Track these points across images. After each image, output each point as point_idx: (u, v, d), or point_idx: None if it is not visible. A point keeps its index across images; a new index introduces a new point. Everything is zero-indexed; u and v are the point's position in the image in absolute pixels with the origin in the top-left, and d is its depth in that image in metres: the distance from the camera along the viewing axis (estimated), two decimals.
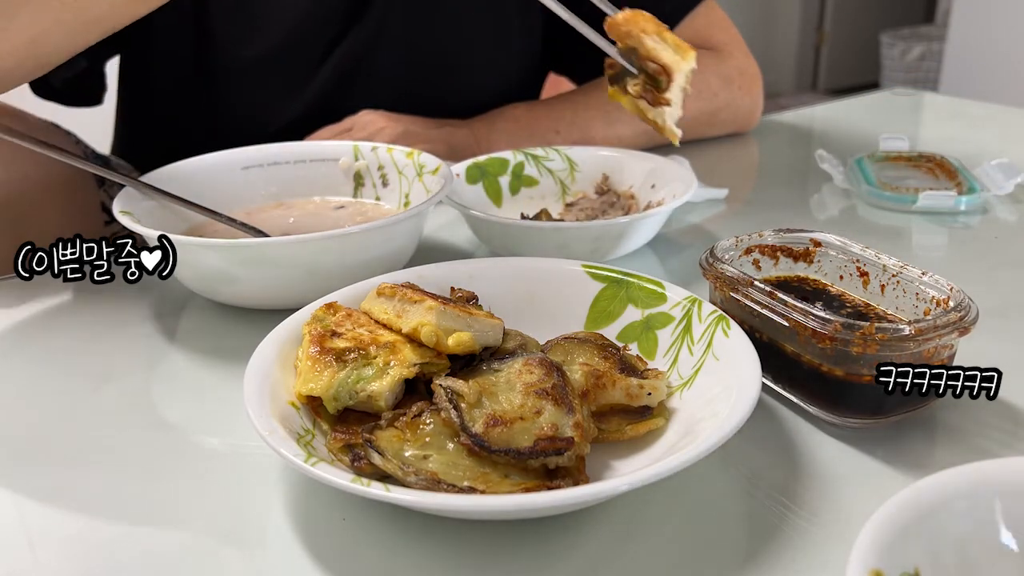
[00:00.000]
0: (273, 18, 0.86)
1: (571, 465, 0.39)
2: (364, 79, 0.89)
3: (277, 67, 0.88)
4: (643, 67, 0.48)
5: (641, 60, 0.47)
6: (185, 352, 0.56)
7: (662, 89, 0.47)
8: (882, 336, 0.42)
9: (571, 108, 0.89)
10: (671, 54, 0.46)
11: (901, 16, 4.15)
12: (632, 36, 0.47)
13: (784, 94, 4.14)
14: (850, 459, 0.43)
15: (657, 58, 0.47)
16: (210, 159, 0.71)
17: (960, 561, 0.30)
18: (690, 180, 0.67)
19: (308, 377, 0.43)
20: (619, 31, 0.47)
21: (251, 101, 0.89)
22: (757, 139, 1.00)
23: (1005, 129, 1.06)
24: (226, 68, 0.88)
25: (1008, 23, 2.76)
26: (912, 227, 0.74)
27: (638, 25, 0.46)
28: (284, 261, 0.55)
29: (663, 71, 0.46)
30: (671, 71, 0.46)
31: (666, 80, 0.47)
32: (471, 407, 0.40)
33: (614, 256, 0.65)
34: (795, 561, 0.37)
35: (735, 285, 0.48)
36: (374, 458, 0.39)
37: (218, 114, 0.90)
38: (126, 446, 0.46)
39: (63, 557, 0.39)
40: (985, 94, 2.67)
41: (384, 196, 0.71)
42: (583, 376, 0.44)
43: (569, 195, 0.76)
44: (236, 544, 0.39)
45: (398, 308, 0.46)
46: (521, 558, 0.37)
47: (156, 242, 0.53)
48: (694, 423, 0.42)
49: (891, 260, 0.49)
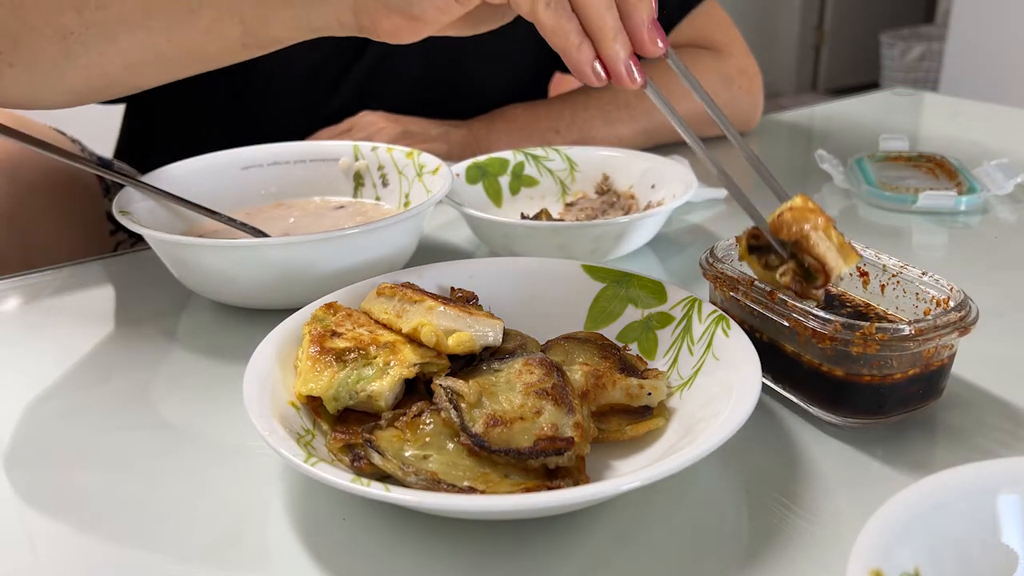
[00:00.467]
0: None
1: (571, 465, 0.39)
2: (386, 82, 0.90)
3: (306, 77, 0.89)
4: (798, 256, 0.45)
5: (799, 251, 0.45)
6: (185, 352, 0.56)
7: (816, 286, 0.45)
8: (882, 336, 0.42)
9: (571, 108, 0.89)
10: (835, 255, 0.44)
11: (901, 16, 4.15)
12: (799, 230, 0.45)
13: (784, 94, 4.14)
14: (850, 459, 0.43)
15: (821, 257, 0.44)
16: (210, 159, 0.71)
17: (960, 561, 0.30)
18: (690, 180, 0.67)
19: (308, 377, 0.43)
20: (785, 227, 0.45)
21: (277, 114, 0.90)
22: (757, 139, 1.00)
23: (1005, 129, 1.06)
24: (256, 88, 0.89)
25: (1008, 23, 2.76)
26: (912, 227, 0.74)
27: (807, 220, 0.45)
28: (284, 261, 0.55)
29: (822, 270, 0.44)
30: (831, 274, 0.44)
31: (822, 279, 0.45)
32: (471, 407, 0.40)
33: (614, 256, 0.65)
34: (795, 561, 0.37)
35: (735, 285, 0.48)
36: (374, 458, 0.39)
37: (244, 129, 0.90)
38: (126, 446, 0.46)
39: (63, 557, 0.39)
40: (985, 94, 2.67)
41: (384, 196, 0.71)
42: (583, 376, 0.44)
43: (569, 195, 0.76)
44: (236, 544, 0.39)
45: (398, 308, 0.46)
46: (521, 558, 0.37)
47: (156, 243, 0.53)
48: (694, 423, 0.42)
49: (891, 260, 0.49)
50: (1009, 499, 0.31)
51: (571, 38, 0.45)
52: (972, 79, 2.85)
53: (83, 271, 0.68)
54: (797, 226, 0.45)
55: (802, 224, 0.45)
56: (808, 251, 0.45)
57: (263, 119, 0.92)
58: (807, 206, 0.46)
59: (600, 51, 0.46)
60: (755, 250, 0.48)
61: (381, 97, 0.89)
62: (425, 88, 0.93)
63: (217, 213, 0.64)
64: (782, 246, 0.46)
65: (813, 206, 0.46)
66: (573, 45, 0.45)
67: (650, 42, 0.46)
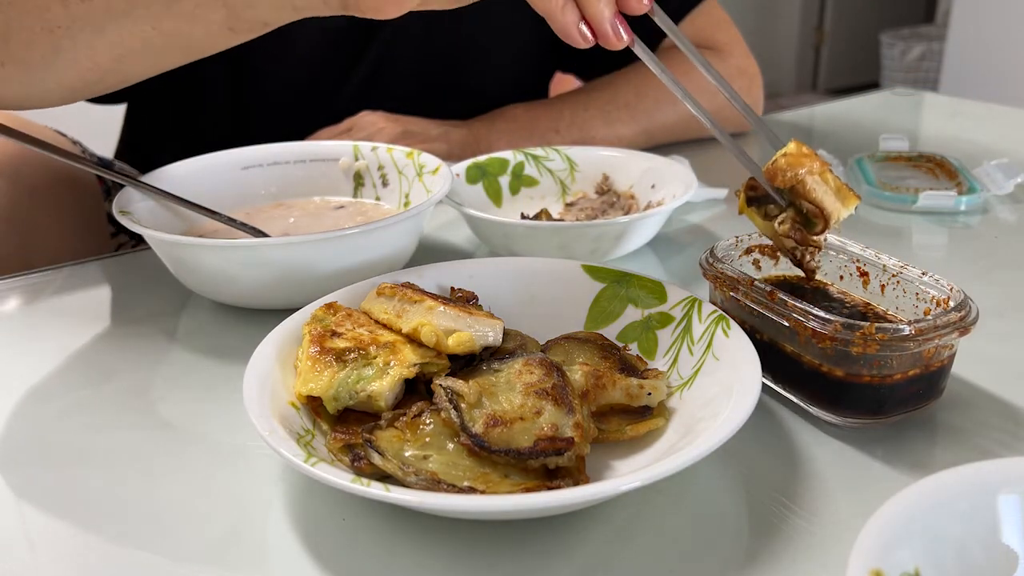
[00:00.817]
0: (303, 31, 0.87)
1: (571, 465, 0.39)
2: (388, 80, 0.90)
3: (308, 80, 0.89)
4: (796, 203, 0.45)
5: (796, 197, 0.45)
6: (185, 352, 0.56)
7: (815, 232, 0.45)
8: (882, 336, 0.42)
9: (571, 108, 0.89)
10: (833, 199, 0.44)
11: (901, 16, 4.15)
12: (793, 176, 0.44)
13: (784, 94, 4.14)
14: (850, 459, 0.43)
15: (818, 201, 0.44)
16: (210, 159, 0.71)
17: (960, 561, 0.30)
18: (690, 180, 0.67)
19: (308, 377, 0.43)
20: (780, 174, 0.45)
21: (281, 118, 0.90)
22: (757, 139, 1.00)
23: (1005, 129, 1.06)
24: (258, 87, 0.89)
25: (1008, 23, 2.76)
26: (912, 227, 0.74)
27: (802, 165, 0.44)
28: (284, 261, 0.55)
29: (820, 215, 0.44)
30: (829, 218, 0.44)
31: (822, 224, 0.44)
32: (471, 407, 0.40)
33: (614, 256, 0.65)
34: (795, 561, 0.37)
35: (735, 285, 0.48)
36: (374, 458, 0.39)
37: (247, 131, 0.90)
38: (126, 446, 0.46)
39: (63, 557, 0.39)
40: (985, 94, 2.67)
41: (384, 196, 0.71)
42: (583, 376, 0.44)
43: (569, 195, 0.76)
44: (236, 544, 0.39)
45: (398, 308, 0.46)
46: (521, 558, 0.37)
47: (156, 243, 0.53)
48: (694, 423, 0.42)
49: (891, 260, 0.49)
50: (1009, 499, 0.31)
51: (554, 0, 0.46)
52: (972, 79, 2.85)
53: (83, 271, 0.68)
54: (792, 172, 0.44)
55: (797, 169, 0.44)
56: (805, 196, 0.44)
57: (263, 119, 0.92)
58: (801, 151, 0.45)
59: (585, 11, 0.46)
60: (754, 201, 0.48)
61: (381, 97, 0.89)
62: (425, 88, 0.93)
63: (217, 213, 0.64)
64: (779, 194, 0.45)
65: (807, 151, 0.45)
66: (557, 7, 0.46)
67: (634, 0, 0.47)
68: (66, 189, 0.79)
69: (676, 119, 0.91)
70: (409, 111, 0.87)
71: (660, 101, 0.90)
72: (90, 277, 0.67)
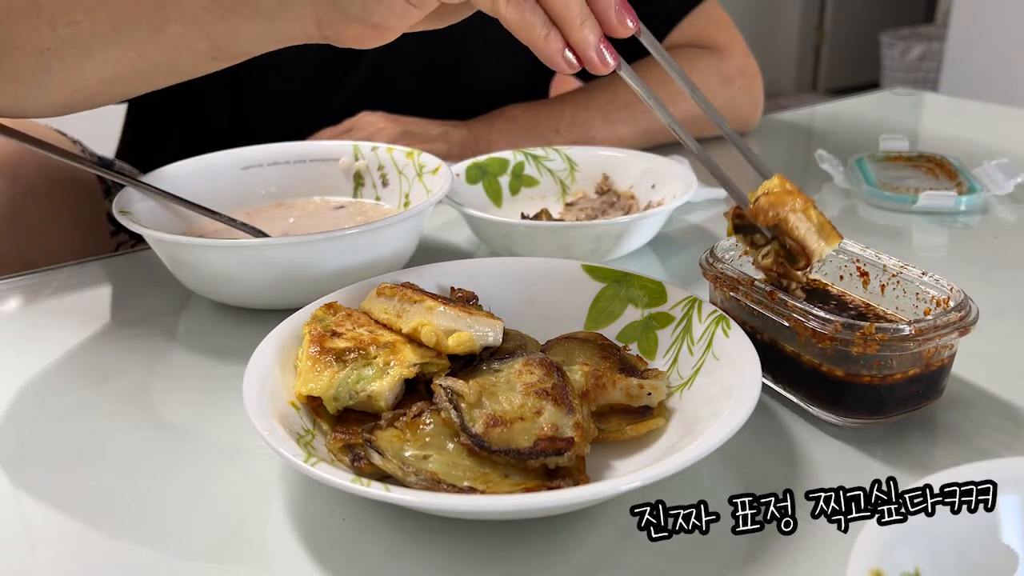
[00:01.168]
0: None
1: (571, 465, 0.39)
2: (388, 79, 0.90)
3: (308, 79, 0.89)
4: (780, 238, 0.45)
5: (780, 233, 0.45)
6: (185, 352, 0.56)
7: (798, 267, 0.45)
8: (882, 336, 0.42)
9: (571, 108, 0.89)
10: (815, 238, 0.44)
11: (901, 16, 4.15)
12: (775, 215, 0.44)
13: (784, 94, 4.14)
14: (850, 459, 0.43)
15: (800, 240, 0.44)
16: (210, 159, 0.71)
17: (960, 561, 0.30)
18: (690, 180, 0.67)
19: (308, 377, 0.43)
20: (762, 213, 0.45)
21: (281, 117, 0.90)
22: (757, 139, 1.00)
23: (1005, 129, 1.06)
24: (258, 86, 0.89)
25: (1008, 23, 2.76)
26: (912, 227, 0.74)
27: (784, 204, 0.44)
28: (284, 261, 0.55)
29: (803, 253, 0.44)
30: (811, 256, 0.44)
31: (804, 261, 0.45)
32: (471, 407, 0.40)
33: (614, 256, 0.65)
34: (795, 561, 0.37)
35: (735, 285, 0.48)
36: (374, 458, 0.39)
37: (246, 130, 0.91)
38: (126, 446, 0.46)
39: (63, 557, 0.39)
40: (985, 94, 2.67)
41: (384, 196, 0.71)
42: (583, 376, 0.44)
43: (569, 195, 0.76)
44: (236, 544, 0.39)
45: (398, 308, 0.46)
46: (521, 558, 0.37)
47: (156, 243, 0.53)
48: (694, 423, 0.42)
49: (891, 260, 0.49)
50: (1009, 499, 0.31)
51: (537, 30, 0.45)
52: (972, 79, 2.85)
53: (83, 271, 0.68)
54: (774, 211, 0.44)
55: (778, 209, 0.44)
56: (788, 234, 0.44)
57: (262, 119, 0.92)
58: (784, 188, 0.45)
59: (569, 38, 0.45)
60: (740, 229, 0.48)
61: (380, 97, 0.89)
62: (425, 88, 0.93)
63: (217, 213, 0.64)
64: (764, 227, 0.45)
65: (791, 187, 0.45)
66: (540, 37, 0.45)
67: (619, 24, 0.46)
68: (66, 188, 0.79)
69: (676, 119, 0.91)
70: (409, 111, 0.87)
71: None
72: (90, 277, 0.67)
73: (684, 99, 0.91)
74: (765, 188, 0.46)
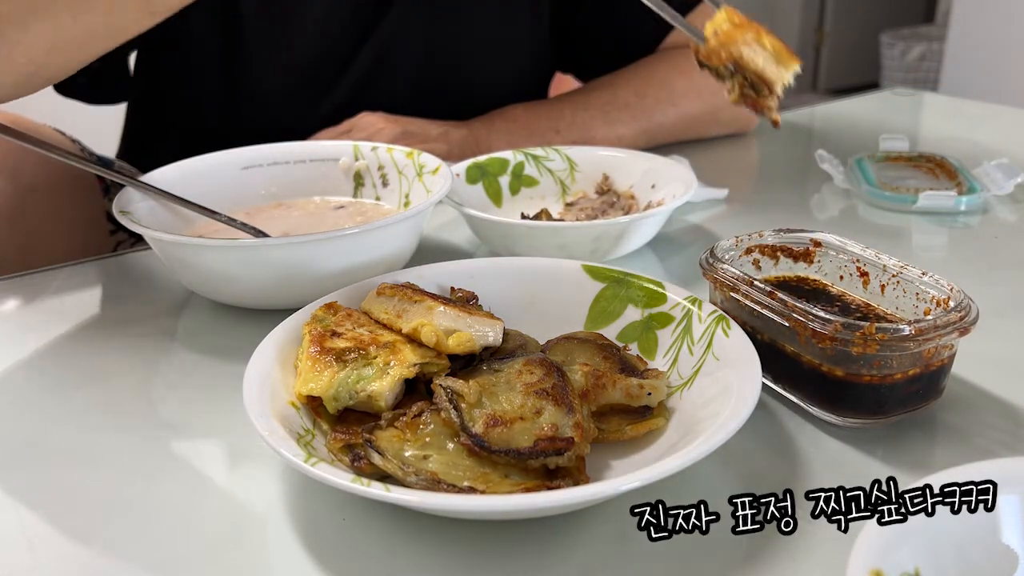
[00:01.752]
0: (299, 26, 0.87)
1: (571, 465, 0.39)
2: (385, 78, 0.90)
3: (303, 76, 0.89)
4: (741, 71, 0.45)
5: (739, 68, 0.45)
6: (185, 352, 0.56)
7: (763, 96, 0.45)
8: (882, 336, 0.42)
9: (571, 108, 0.89)
10: (774, 66, 0.45)
11: (901, 16, 4.15)
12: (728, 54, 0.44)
13: (784, 94, 4.14)
14: (850, 459, 0.43)
15: (759, 71, 0.45)
16: (210, 159, 0.71)
17: (960, 561, 0.30)
18: (690, 180, 0.67)
19: (308, 377, 0.43)
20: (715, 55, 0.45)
21: (276, 114, 0.90)
22: (757, 139, 1.00)
23: (1005, 129, 1.06)
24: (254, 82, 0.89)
25: (1008, 23, 2.75)
26: (912, 227, 0.74)
27: (734, 40, 0.44)
28: (284, 261, 0.55)
29: (765, 82, 0.45)
30: (773, 85, 0.45)
31: (767, 90, 0.45)
32: (471, 407, 0.40)
33: (614, 256, 0.65)
34: (795, 561, 0.37)
35: (735, 285, 0.48)
36: (374, 458, 0.39)
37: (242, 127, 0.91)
38: (126, 446, 0.46)
39: (63, 557, 0.39)
40: (985, 94, 2.67)
41: (384, 196, 0.71)
42: (583, 376, 0.44)
43: (569, 195, 0.76)
44: (236, 544, 0.39)
45: (398, 308, 0.46)
46: (521, 558, 0.37)
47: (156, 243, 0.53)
48: (694, 423, 0.42)
49: (891, 260, 0.49)
50: (1009, 499, 0.31)
51: None
52: (972, 79, 2.85)
53: (83, 271, 0.68)
54: (726, 51, 0.44)
55: (730, 47, 0.44)
56: (745, 68, 0.44)
57: (259, 119, 0.91)
58: (733, 21, 0.44)
59: None
60: (705, 65, 0.47)
61: (379, 97, 0.89)
62: (423, 88, 0.93)
63: (217, 213, 0.64)
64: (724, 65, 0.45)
65: (739, 20, 0.44)
66: None
67: None
68: (65, 187, 0.79)
69: (676, 119, 0.91)
70: (407, 111, 0.87)
71: (660, 101, 0.90)
72: (90, 277, 0.67)
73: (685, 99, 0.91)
74: (713, 28, 0.45)
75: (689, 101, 0.91)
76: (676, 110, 0.91)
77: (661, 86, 0.90)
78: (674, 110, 0.91)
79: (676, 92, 0.91)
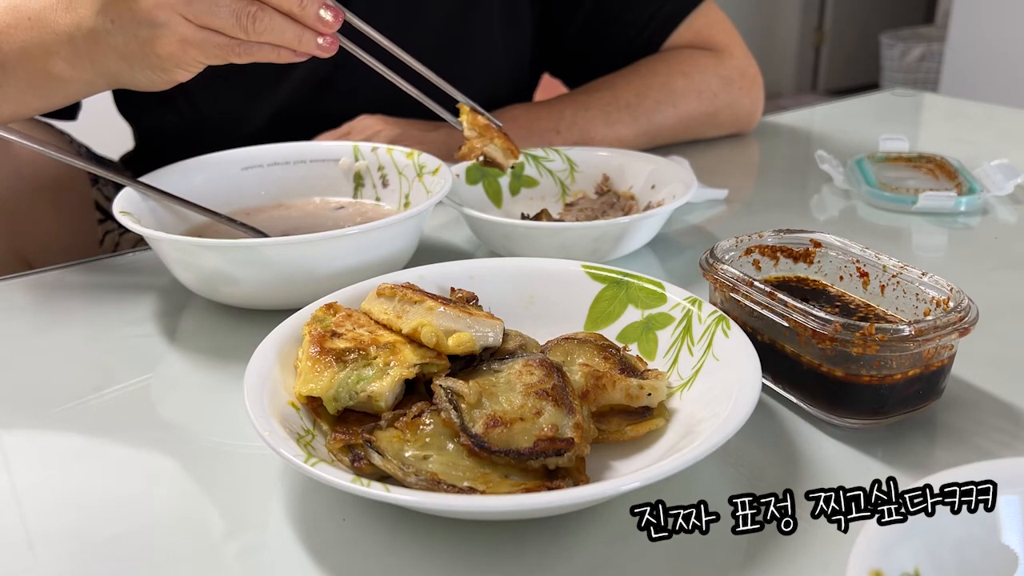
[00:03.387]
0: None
1: (571, 466, 0.39)
2: (343, 77, 0.89)
3: (299, 79, 0.88)
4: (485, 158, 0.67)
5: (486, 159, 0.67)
6: (185, 352, 0.56)
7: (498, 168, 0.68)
8: (882, 337, 0.42)
9: (571, 108, 0.89)
10: (503, 158, 0.66)
11: (901, 16, 4.15)
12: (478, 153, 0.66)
13: (784, 94, 4.14)
14: (850, 459, 0.43)
15: (495, 161, 0.66)
16: (210, 159, 0.71)
17: (960, 561, 0.30)
18: (690, 180, 0.67)
19: (308, 377, 0.43)
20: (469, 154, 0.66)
21: (223, 107, 0.90)
22: (757, 139, 1.00)
23: (1005, 129, 1.06)
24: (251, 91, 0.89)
25: (1008, 23, 2.76)
26: (912, 228, 0.74)
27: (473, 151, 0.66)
28: (284, 261, 0.55)
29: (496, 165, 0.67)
30: (503, 168, 0.68)
31: (497, 169, 0.69)
32: (471, 407, 0.40)
33: (614, 256, 0.65)
34: (795, 561, 0.37)
35: (735, 286, 0.48)
36: (374, 458, 0.39)
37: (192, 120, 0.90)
38: (126, 446, 0.46)
39: (63, 557, 0.39)
40: (985, 94, 2.67)
41: (384, 196, 0.72)
42: (583, 377, 0.44)
43: (569, 195, 0.76)
44: (236, 544, 0.39)
45: (398, 308, 0.46)
46: (521, 558, 0.37)
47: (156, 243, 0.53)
48: (694, 424, 0.42)
49: (891, 260, 0.50)
50: (1009, 499, 0.31)
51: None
52: (972, 79, 2.85)
53: (83, 271, 0.68)
54: (475, 153, 0.66)
55: (477, 152, 0.66)
56: (487, 158, 0.66)
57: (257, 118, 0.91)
58: (476, 128, 0.65)
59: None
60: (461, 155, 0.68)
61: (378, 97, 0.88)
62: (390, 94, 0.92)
63: (217, 213, 0.64)
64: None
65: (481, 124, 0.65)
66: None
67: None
68: (51, 176, 0.79)
69: (676, 120, 0.91)
70: (404, 111, 0.87)
71: (661, 102, 0.90)
72: (90, 277, 0.67)
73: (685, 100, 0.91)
74: (467, 137, 0.65)
75: (689, 102, 0.91)
76: (676, 111, 0.91)
77: (661, 87, 0.90)
78: (674, 111, 0.91)
79: (676, 93, 0.91)
